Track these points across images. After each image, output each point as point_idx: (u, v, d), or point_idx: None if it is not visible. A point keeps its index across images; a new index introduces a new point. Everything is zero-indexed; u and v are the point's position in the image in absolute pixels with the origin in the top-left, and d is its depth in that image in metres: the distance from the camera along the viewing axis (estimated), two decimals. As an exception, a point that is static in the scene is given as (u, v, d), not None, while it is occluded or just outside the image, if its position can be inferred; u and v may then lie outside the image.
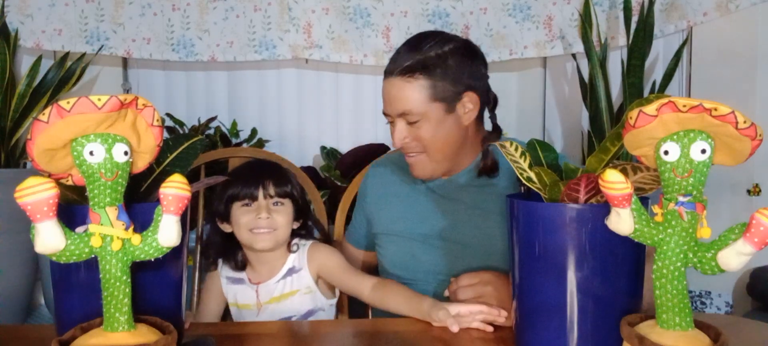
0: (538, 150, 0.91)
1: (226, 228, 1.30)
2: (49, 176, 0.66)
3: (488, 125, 1.27)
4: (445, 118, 1.17)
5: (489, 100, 1.24)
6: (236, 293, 1.32)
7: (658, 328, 0.66)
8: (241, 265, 1.31)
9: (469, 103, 1.18)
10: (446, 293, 1.12)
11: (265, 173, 1.28)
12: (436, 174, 1.24)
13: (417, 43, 1.17)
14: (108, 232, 0.64)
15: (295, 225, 1.32)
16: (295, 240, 1.34)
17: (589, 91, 2.30)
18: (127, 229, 0.64)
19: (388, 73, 1.18)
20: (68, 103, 0.60)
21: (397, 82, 1.16)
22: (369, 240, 1.40)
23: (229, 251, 1.32)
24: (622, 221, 0.65)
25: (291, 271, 1.32)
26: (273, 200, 1.27)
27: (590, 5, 2.32)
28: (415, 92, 1.14)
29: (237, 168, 1.35)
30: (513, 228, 0.84)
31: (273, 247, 1.28)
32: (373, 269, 1.47)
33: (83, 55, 2.43)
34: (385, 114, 1.22)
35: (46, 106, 0.84)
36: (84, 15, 2.48)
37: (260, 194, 1.26)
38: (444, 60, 1.15)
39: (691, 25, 2.32)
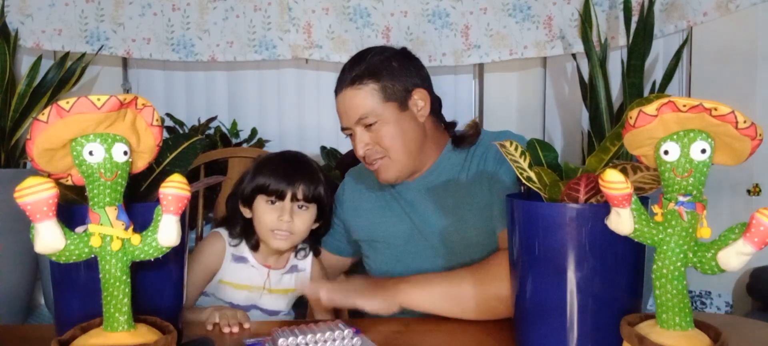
0: (538, 150, 0.91)
1: (245, 212, 1.28)
2: (49, 175, 0.66)
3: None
4: (401, 117, 1.19)
5: (434, 102, 1.26)
6: (236, 272, 1.29)
7: (658, 328, 0.66)
8: (255, 247, 1.30)
9: (419, 101, 1.21)
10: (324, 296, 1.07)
11: (297, 173, 1.25)
12: (401, 176, 1.23)
13: (359, 56, 1.22)
14: (108, 232, 0.64)
15: (315, 225, 1.31)
16: (302, 245, 1.34)
17: (589, 91, 2.29)
18: (126, 229, 0.64)
19: (337, 89, 1.22)
20: (68, 103, 0.60)
21: (348, 92, 1.19)
22: (348, 247, 1.40)
23: (246, 230, 1.29)
24: (622, 221, 0.65)
25: (294, 268, 1.34)
26: (299, 203, 1.25)
27: (590, 5, 2.32)
28: (367, 97, 1.18)
29: (272, 157, 1.31)
30: (513, 228, 0.84)
31: (287, 249, 1.29)
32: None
33: (83, 55, 2.42)
34: (343, 130, 1.24)
35: (46, 106, 0.83)
36: (84, 15, 2.48)
37: (288, 195, 1.23)
38: (387, 63, 1.20)
39: (691, 25, 2.32)
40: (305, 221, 1.26)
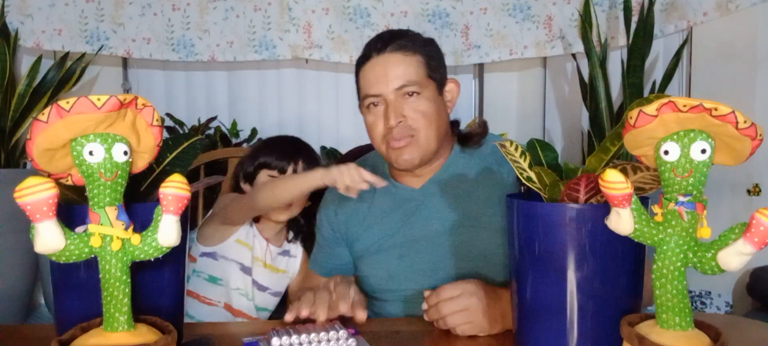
0: (538, 150, 0.91)
1: (246, 189, 1.39)
2: (49, 175, 0.66)
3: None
4: (438, 99, 1.17)
5: None
6: (255, 237, 1.39)
7: (658, 328, 0.66)
8: (256, 220, 1.40)
9: (449, 92, 1.20)
10: (424, 307, 1.00)
11: (298, 151, 1.38)
12: (423, 161, 1.16)
13: (398, 32, 1.19)
14: (108, 232, 0.63)
15: (308, 203, 1.39)
16: (294, 232, 1.44)
17: (589, 91, 2.29)
18: (126, 229, 0.64)
19: (377, 51, 1.14)
20: (68, 103, 0.60)
21: (393, 57, 1.13)
22: (349, 261, 1.28)
23: None
24: (622, 221, 0.65)
25: (286, 252, 1.43)
26: None
27: (590, 5, 2.32)
28: (413, 66, 1.13)
29: (275, 137, 1.46)
30: (513, 228, 0.84)
31: (285, 220, 1.38)
32: None
33: (83, 55, 2.42)
34: (369, 97, 1.15)
35: (46, 106, 0.83)
36: (84, 15, 2.48)
37: (290, 170, 1.35)
38: (431, 43, 1.19)
39: (691, 25, 2.32)
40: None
